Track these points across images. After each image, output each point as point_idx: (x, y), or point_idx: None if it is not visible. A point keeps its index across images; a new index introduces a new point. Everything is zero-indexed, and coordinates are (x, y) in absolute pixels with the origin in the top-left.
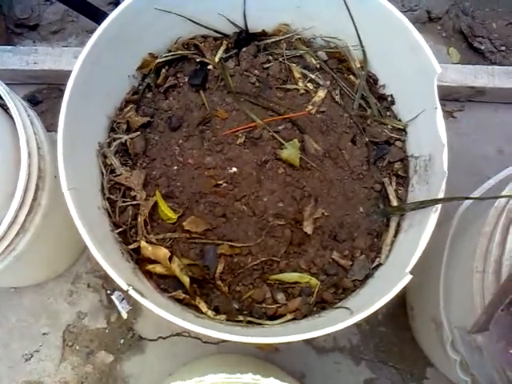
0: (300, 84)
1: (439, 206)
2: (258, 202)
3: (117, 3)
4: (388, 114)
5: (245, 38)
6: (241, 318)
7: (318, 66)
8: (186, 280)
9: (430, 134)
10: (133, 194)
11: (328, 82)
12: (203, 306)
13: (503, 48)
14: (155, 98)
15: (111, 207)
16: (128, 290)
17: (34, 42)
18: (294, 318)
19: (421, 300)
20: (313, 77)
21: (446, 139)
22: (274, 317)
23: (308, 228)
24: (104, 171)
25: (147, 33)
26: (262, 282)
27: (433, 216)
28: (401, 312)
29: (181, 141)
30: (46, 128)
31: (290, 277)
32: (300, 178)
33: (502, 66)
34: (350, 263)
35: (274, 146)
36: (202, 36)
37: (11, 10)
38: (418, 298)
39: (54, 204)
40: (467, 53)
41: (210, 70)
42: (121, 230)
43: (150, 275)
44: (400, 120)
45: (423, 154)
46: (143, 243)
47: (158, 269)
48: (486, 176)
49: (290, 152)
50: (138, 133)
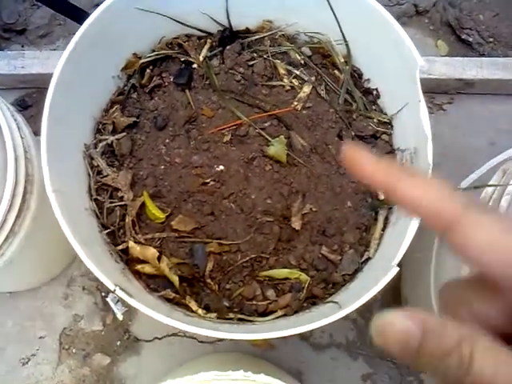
0: (285, 80)
1: None
2: (246, 200)
3: None
4: (374, 107)
5: (229, 36)
6: (231, 315)
7: (302, 62)
8: (175, 279)
9: (414, 127)
10: (120, 194)
11: (313, 78)
12: (193, 305)
13: (491, 39)
14: (140, 98)
15: (99, 208)
16: (115, 289)
17: (23, 46)
18: (285, 314)
19: (414, 292)
20: (298, 73)
21: (431, 131)
22: (265, 313)
23: (296, 224)
24: (91, 172)
25: (130, 33)
26: (251, 279)
27: None
28: (396, 306)
29: (167, 140)
30: (36, 132)
31: (279, 273)
32: (287, 174)
33: (491, 57)
34: (340, 258)
35: (261, 143)
36: (186, 35)
37: None
38: (412, 290)
39: (44, 207)
40: (456, 45)
41: (194, 68)
42: (109, 230)
43: (139, 275)
44: (386, 114)
45: (409, 147)
46: (131, 243)
47: (147, 269)
48: (478, 168)
49: (277, 148)
50: (124, 133)
